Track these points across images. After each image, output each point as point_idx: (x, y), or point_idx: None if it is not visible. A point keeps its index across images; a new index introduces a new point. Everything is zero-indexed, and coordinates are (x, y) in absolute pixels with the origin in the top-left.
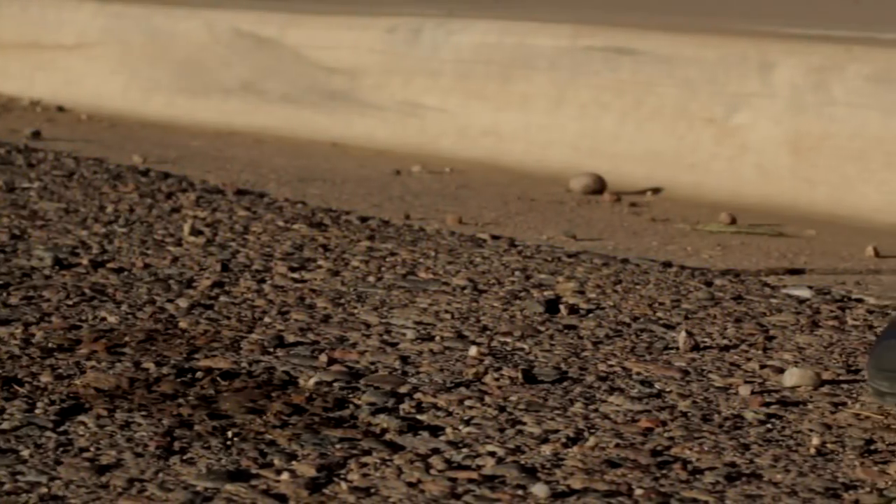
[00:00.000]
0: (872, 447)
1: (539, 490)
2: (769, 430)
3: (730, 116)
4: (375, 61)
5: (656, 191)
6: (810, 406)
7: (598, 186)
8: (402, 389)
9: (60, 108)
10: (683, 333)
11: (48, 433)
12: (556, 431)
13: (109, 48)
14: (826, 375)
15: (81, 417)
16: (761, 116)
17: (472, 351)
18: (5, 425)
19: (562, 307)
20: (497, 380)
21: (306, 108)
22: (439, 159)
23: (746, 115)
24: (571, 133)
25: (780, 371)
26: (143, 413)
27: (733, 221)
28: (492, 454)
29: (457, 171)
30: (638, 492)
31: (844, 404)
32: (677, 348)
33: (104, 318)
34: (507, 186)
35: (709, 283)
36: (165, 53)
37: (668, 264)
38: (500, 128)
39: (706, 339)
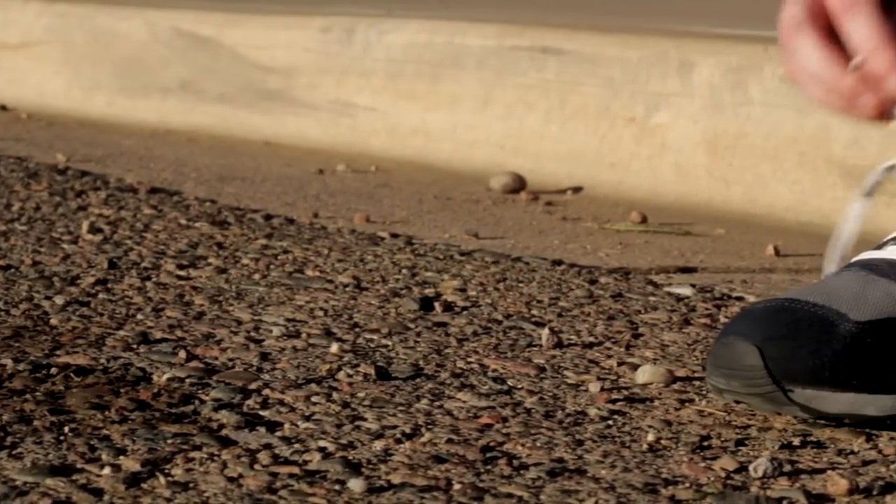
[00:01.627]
0: (706, 443)
1: (355, 485)
2: (608, 427)
3: (650, 116)
4: (310, 61)
5: (577, 189)
6: (656, 403)
7: (518, 185)
8: (252, 386)
9: (3, 108)
10: (546, 331)
11: None
12: (394, 427)
13: (53, 47)
14: (681, 373)
15: None
16: (680, 116)
17: (334, 348)
18: None
19: (437, 305)
20: (350, 376)
21: (241, 107)
22: (370, 158)
23: (666, 114)
24: (497, 132)
25: (636, 368)
26: None
27: (644, 220)
28: (322, 450)
29: (383, 170)
30: (456, 487)
31: (692, 401)
32: (541, 346)
33: None
34: (428, 185)
35: (593, 282)
36: (107, 53)
37: (558, 262)
38: (428, 127)
39: (572, 337)
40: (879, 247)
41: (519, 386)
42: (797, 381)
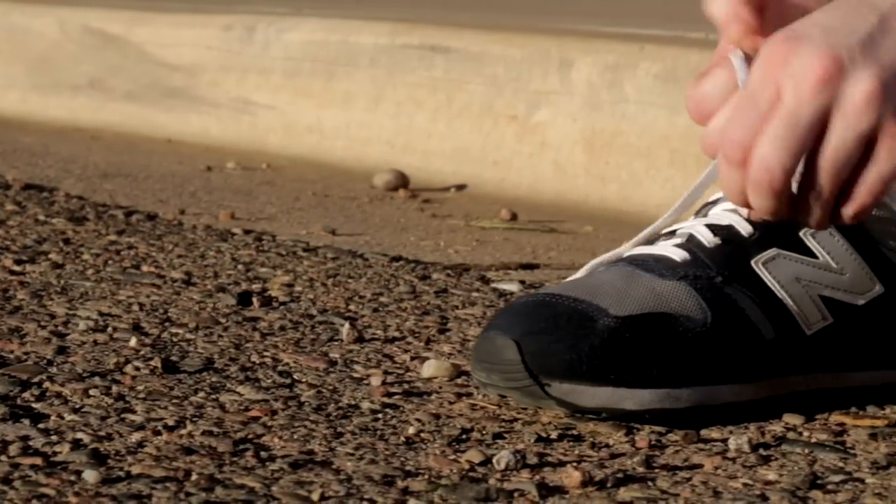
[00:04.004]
0: (465, 436)
1: (89, 476)
2: (375, 420)
3: (531, 114)
4: (212, 59)
5: (461, 187)
6: (433, 397)
7: (400, 183)
8: (35, 379)
9: None
10: (347, 325)
11: None
12: (160, 420)
13: None
14: (469, 367)
15: None
16: (560, 114)
17: (132, 342)
18: None
19: (255, 300)
20: (137, 370)
21: (147, 105)
22: (268, 156)
23: (546, 112)
24: (388, 130)
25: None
26: None
27: (513, 218)
28: (75, 441)
29: (275, 167)
30: (193, 478)
31: (469, 395)
32: (342, 340)
33: None
34: (312, 183)
35: (424, 278)
36: (21, 50)
37: (397, 258)
38: (323, 125)
39: (378, 332)
40: (651, 242)
41: (303, 380)
42: (554, 375)
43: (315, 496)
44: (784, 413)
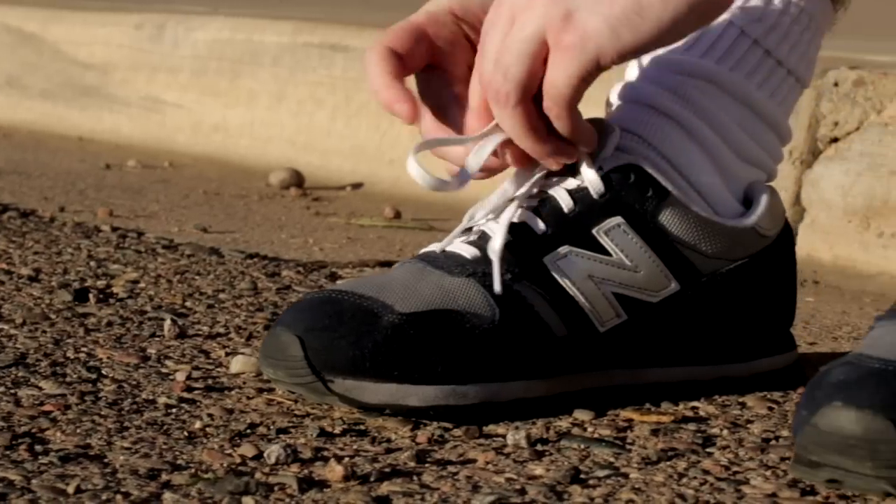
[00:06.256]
0: (250, 431)
1: None
2: (167, 415)
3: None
4: (124, 57)
5: (357, 186)
6: (233, 392)
7: (295, 181)
8: None
9: None
10: (168, 321)
11: None
12: None
13: None
14: None
15: None
16: None
17: None
18: None
19: (91, 296)
20: None
21: (61, 103)
22: (175, 154)
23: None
24: (290, 129)
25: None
26: None
27: (397, 216)
28: None
29: (177, 165)
30: None
31: (271, 391)
32: (164, 336)
33: None
34: (209, 181)
35: (273, 274)
36: None
37: (252, 256)
38: (228, 123)
39: (204, 328)
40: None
41: (110, 375)
42: (337, 371)
43: (70, 489)
44: (575, 409)
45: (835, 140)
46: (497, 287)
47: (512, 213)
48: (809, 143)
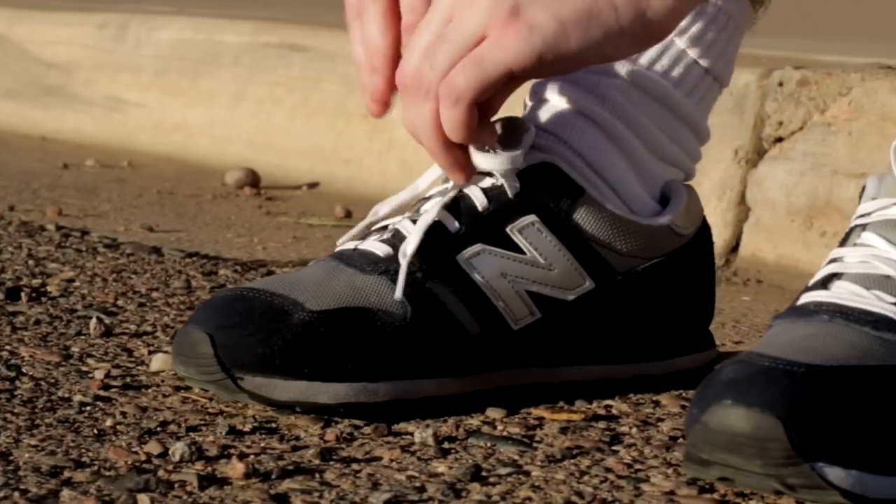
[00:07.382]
0: (160, 428)
1: None
2: (80, 413)
3: None
4: (87, 57)
5: (313, 185)
6: (150, 390)
7: (250, 181)
8: None
9: None
10: (94, 320)
11: None
12: None
13: None
14: None
15: None
16: None
17: None
18: None
19: (23, 295)
20: None
21: (25, 102)
22: (136, 154)
23: (396, 111)
24: (249, 128)
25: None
26: None
27: (347, 215)
28: None
29: (137, 165)
30: None
31: (189, 388)
32: (90, 334)
33: None
34: (165, 181)
35: (210, 273)
36: None
37: (193, 255)
38: (189, 123)
39: (131, 327)
40: (364, 237)
41: (29, 373)
42: (247, 368)
43: None
44: (488, 407)
45: (779, 140)
46: (398, 293)
47: (431, 218)
48: (755, 142)
